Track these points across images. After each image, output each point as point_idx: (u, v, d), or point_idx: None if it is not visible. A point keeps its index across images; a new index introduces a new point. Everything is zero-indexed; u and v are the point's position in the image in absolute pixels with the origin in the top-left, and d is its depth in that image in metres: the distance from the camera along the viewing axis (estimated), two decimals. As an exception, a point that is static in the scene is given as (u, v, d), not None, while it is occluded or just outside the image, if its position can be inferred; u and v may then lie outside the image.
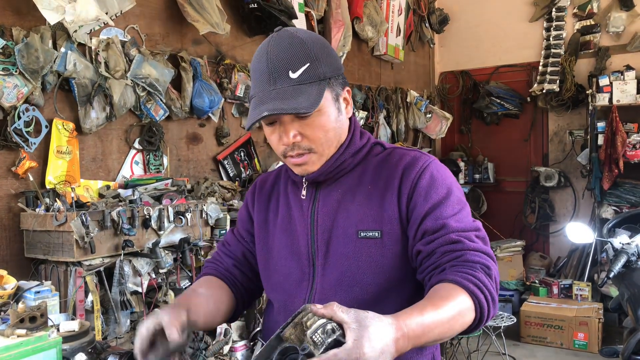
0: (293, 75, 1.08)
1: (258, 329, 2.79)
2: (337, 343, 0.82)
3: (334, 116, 1.14)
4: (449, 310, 0.95)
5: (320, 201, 1.20)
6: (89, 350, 1.48)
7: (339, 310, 0.84)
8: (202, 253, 2.76)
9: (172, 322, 1.02)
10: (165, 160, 3.12)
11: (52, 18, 2.34)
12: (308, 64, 1.09)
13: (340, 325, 0.84)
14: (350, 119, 1.22)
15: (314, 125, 1.12)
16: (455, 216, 1.11)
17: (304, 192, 1.22)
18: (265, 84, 1.10)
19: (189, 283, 2.74)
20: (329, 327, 0.83)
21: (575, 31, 5.49)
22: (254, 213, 1.32)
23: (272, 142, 1.16)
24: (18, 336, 1.31)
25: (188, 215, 2.68)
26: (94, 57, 2.66)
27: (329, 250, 1.16)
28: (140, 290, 2.46)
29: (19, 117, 2.37)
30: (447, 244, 1.07)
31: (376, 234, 1.13)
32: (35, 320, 1.38)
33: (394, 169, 1.17)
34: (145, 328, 1.03)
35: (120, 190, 2.75)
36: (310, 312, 0.85)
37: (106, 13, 2.60)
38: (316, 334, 0.83)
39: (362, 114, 4.74)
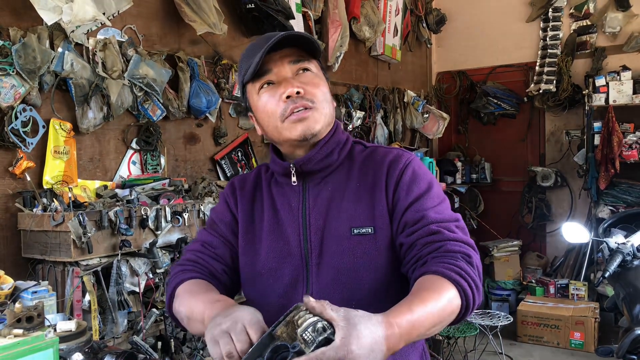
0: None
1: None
2: (328, 341, 0.83)
3: (327, 88, 1.21)
4: (436, 302, 0.96)
5: (310, 201, 1.21)
6: (86, 350, 1.48)
7: (329, 308, 0.85)
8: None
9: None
10: (163, 160, 3.12)
11: (49, 18, 2.34)
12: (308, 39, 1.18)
13: (332, 324, 0.84)
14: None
15: (314, 82, 1.17)
16: (434, 208, 1.13)
17: (294, 179, 1.22)
18: (264, 43, 1.14)
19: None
20: (319, 325, 0.84)
21: (571, 31, 5.51)
22: (239, 215, 1.28)
23: (271, 104, 1.17)
24: (15, 336, 1.32)
25: (185, 215, 2.68)
26: (91, 57, 2.67)
27: (322, 249, 1.17)
28: (137, 290, 2.46)
29: (16, 117, 2.37)
30: (427, 235, 1.10)
31: (369, 230, 1.15)
32: (32, 320, 1.39)
33: (379, 165, 1.20)
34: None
35: (118, 190, 2.76)
36: (302, 310, 0.86)
37: (103, 13, 2.61)
38: (306, 332, 0.83)
39: (359, 114, 4.74)
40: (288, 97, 1.14)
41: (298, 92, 1.14)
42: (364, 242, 1.14)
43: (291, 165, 1.21)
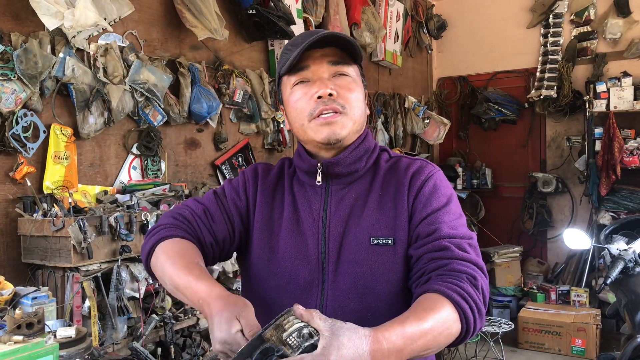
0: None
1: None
2: (314, 348, 0.83)
3: (362, 95, 1.20)
4: (432, 321, 0.93)
5: (332, 206, 1.18)
6: (86, 356, 1.48)
7: (317, 317, 0.85)
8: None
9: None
10: (163, 166, 3.12)
11: (50, 24, 2.34)
12: (350, 41, 1.17)
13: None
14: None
15: (350, 87, 1.16)
16: (449, 223, 1.11)
17: (319, 179, 1.19)
18: (308, 37, 1.13)
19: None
20: (305, 331, 0.85)
21: (572, 38, 5.52)
22: (256, 206, 1.24)
23: (302, 101, 1.15)
24: (15, 342, 1.31)
25: (186, 221, 2.67)
26: (92, 62, 2.67)
27: (340, 256, 1.14)
28: (137, 295, 2.46)
29: (17, 123, 2.37)
30: (436, 250, 1.07)
31: (389, 241, 1.13)
32: (33, 327, 1.38)
33: (402, 175, 1.18)
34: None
35: (118, 196, 2.75)
36: (292, 315, 0.87)
37: (105, 19, 2.61)
38: (291, 337, 0.84)
39: (360, 119, 4.74)
40: (320, 97, 1.13)
41: (330, 94, 1.13)
42: (383, 252, 1.12)
43: (319, 165, 1.19)
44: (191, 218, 1.21)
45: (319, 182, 1.19)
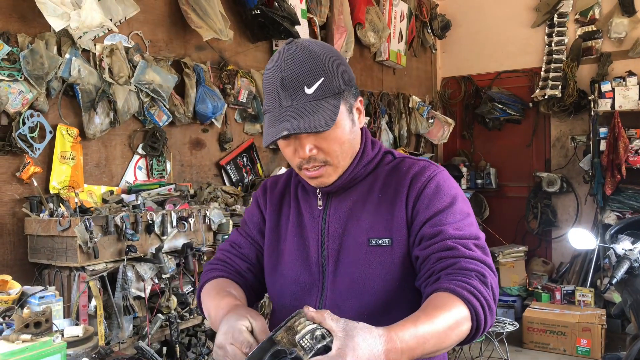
0: (308, 91, 1.07)
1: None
2: (327, 349, 0.83)
3: (348, 128, 1.14)
4: (444, 320, 0.94)
5: (331, 209, 1.21)
6: (93, 355, 1.49)
7: (329, 318, 0.85)
8: (205, 258, 2.76)
9: (263, 331, 0.99)
10: (169, 166, 3.13)
11: (57, 25, 2.36)
12: (323, 79, 1.08)
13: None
14: (361, 129, 1.22)
15: (330, 138, 1.11)
16: (454, 224, 1.10)
17: (320, 203, 1.22)
18: (280, 100, 1.08)
19: (192, 288, 2.74)
20: (318, 332, 0.84)
21: (577, 37, 5.50)
22: (267, 214, 1.31)
23: (287, 155, 1.16)
24: (23, 341, 1.32)
25: (191, 221, 2.68)
26: (98, 63, 2.68)
27: (339, 257, 1.17)
28: (143, 295, 2.47)
29: (24, 123, 2.39)
30: (442, 250, 1.07)
31: (386, 242, 1.14)
32: (40, 326, 1.39)
33: (403, 177, 1.18)
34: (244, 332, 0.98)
35: (124, 196, 2.76)
36: (303, 316, 0.87)
37: (110, 19, 2.62)
38: (304, 339, 0.84)
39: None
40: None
41: (310, 156, 1.12)
42: (381, 253, 1.13)
43: (317, 191, 1.22)
44: (223, 257, 1.33)
45: (320, 206, 1.22)
